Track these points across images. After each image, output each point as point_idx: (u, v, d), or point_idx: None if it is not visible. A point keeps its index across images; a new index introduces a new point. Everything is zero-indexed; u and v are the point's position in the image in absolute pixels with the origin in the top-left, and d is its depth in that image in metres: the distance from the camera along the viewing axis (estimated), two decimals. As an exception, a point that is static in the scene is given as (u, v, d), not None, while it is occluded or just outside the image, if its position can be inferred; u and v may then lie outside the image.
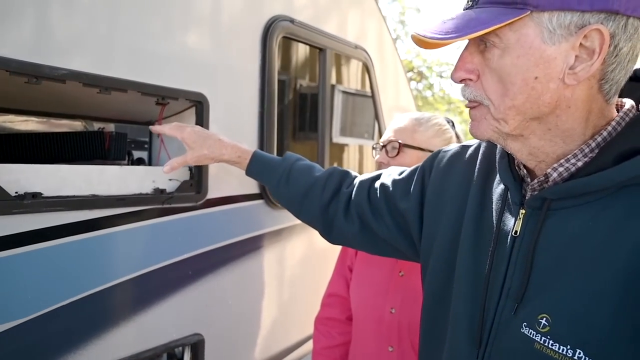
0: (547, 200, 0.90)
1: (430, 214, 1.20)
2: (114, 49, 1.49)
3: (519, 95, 0.86)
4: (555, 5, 0.80)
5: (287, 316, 2.29)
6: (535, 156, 0.93)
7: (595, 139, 0.87)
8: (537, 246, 0.89)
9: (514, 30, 0.83)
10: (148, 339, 1.64)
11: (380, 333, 1.71)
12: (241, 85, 1.95)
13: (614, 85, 0.86)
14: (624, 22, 0.81)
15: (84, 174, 1.45)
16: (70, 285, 1.41)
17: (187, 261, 1.74)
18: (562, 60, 0.83)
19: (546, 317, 0.85)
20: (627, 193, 0.83)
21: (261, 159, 1.59)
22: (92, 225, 1.45)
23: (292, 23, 2.16)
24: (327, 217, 1.46)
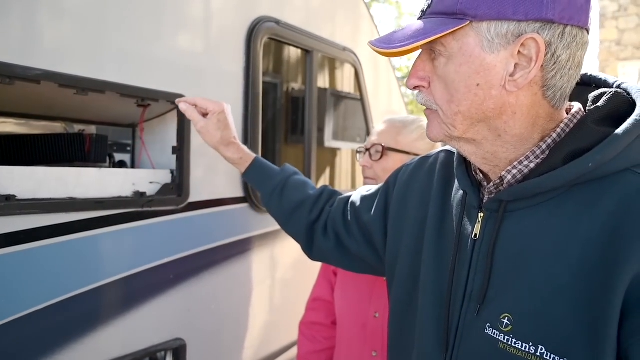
0: (503, 203, 0.93)
1: (393, 226, 1.23)
2: (93, 50, 1.48)
3: (463, 102, 0.90)
4: (492, 16, 0.84)
5: (271, 321, 2.27)
6: (489, 161, 0.96)
7: (545, 141, 0.91)
8: (495, 248, 0.93)
9: (457, 40, 0.88)
10: (128, 343, 1.62)
11: (365, 338, 1.70)
12: (225, 88, 1.93)
13: (557, 92, 0.89)
14: (561, 31, 0.84)
15: (60, 176, 1.43)
16: (47, 289, 1.39)
17: (169, 265, 1.72)
18: (502, 68, 0.87)
19: (508, 316, 0.88)
20: (577, 191, 0.87)
21: (260, 166, 1.62)
22: (69, 228, 1.43)
23: (278, 24, 2.14)
24: (310, 235, 1.50)
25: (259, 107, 2.04)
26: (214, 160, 1.83)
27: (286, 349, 2.34)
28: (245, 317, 2.10)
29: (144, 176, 1.66)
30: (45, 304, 1.38)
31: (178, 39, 1.74)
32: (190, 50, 1.78)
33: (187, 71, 1.76)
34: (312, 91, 2.50)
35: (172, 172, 1.74)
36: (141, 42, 1.61)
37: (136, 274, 1.62)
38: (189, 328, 1.82)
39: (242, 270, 2.06)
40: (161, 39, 1.67)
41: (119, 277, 1.57)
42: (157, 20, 1.66)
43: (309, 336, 1.91)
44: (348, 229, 1.39)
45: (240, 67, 1.99)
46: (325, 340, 1.89)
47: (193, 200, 1.79)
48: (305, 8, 2.45)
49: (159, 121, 1.81)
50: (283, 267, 2.34)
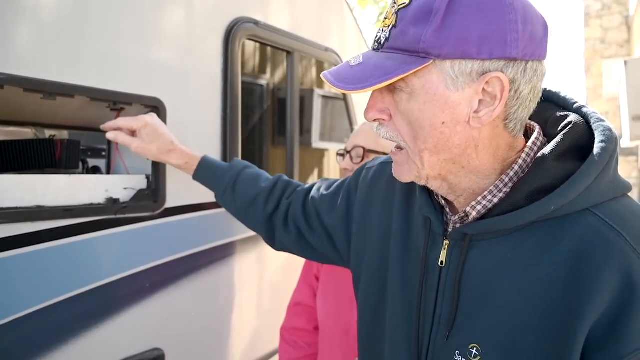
0: (468, 235, 0.95)
1: (358, 230, 1.23)
2: (61, 52, 1.42)
3: (429, 140, 0.89)
4: (457, 55, 0.83)
5: (253, 328, 2.22)
6: (454, 191, 0.97)
7: (507, 173, 0.93)
8: (462, 276, 0.94)
9: (419, 77, 0.86)
10: (104, 355, 1.56)
11: (347, 344, 1.67)
12: (202, 90, 1.88)
13: (518, 123, 0.91)
14: (523, 67, 0.86)
15: (27, 184, 1.37)
16: (14, 301, 1.33)
17: (145, 273, 1.67)
18: (466, 105, 0.86)
19: (476, 347, 0.91)
20: (539, 228, 0.89)
21: (209, 166, 1.61)
22: (37, 237, 1.37)
23: (257, 25, 2.09)
24: (270, 227, 1.51)
25: (238, 109, 1.99)
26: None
27: (268, 357, 2.29)
28: (225, 325, 2.05)
29: (118, 182, 1.61)
30: (12, 317, 1.32)
31: (153, 40, 1.68)
32: (166, 51, 1.73)
33: (163, 73, 1.71)
34: (294, 92, 2.45)
35: (148, 178, 1.69)
36: (115, 44, 1.55)
37: (111, 283, 1.57)
38: (167, 338, 1.76)
39: (222, 277, 2.01)
40: (136, 41, 1.62)
41: (93, 287, 1.52)
42: (132, 22, 1.61)
43: (290, 342, 1.88)
44: (310, 225, 1.39)
45: (218, 68, 1.94)
46: (308, 346, 1.85)
47: (170, 206, 1.74)
48: (286, 8, 2.40)
49: (134, 125, 1.75)
50: (265, 272, 2.29)
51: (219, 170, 1.59)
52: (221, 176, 1.57)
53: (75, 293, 1.47)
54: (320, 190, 1.40)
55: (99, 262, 1.54)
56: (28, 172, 1.52)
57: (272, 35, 2.23)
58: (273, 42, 2.28)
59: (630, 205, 0.91)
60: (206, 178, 1.61)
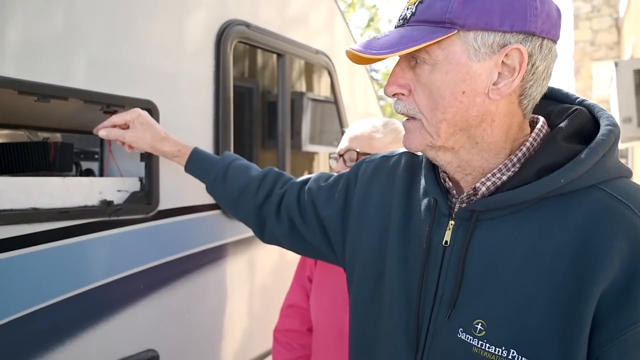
0: (475, 212, 0.98)
1: (355, 223, 1.25)
2: (54, 55, 1.44)
3: (449, 109, 0.93)
4: (480, 26, 0.89)
5: (246, 329, 2.24)
6: (463, 169, 1.00)
7: (516, 154, 0.97)
8: (467, 255, 0.97)
9: (442, 48, 0.91)
10: (99, 356, 1.58)
11: (342, 345, 1.66)
12: (194, 92, 1.90)
13: (531, 101, 0.97)
14: (540, 43, 0.91)
15: (22, 186, 1.39)
16: (12, 302, 1.35)
17: (139, 275, 1.69)
18: (486, 76, 0.91)
19: (482, 322, 0.93)
20: (546, 204, 0.92)
21: (200, 156, 1.64)
22: (33, 239, 1.39)
23: (248, 28, 2.12)
24: (260, 217, 1.51)
25: (230, 111, 2.02)
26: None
27: (261, 358, 2.31)
28: (219, 327, 2.07)
29: (111, 184, 1.63)
30: (8, 319, 1.34)
31: (146, 43, 1.71)
32: (159, 54, 1.76)
33: (155, 76, 1.73)
34: (285, 95, 2.48)
35: (141, 180, 1.71)
36: (108, 47, 1.58)
37: (105, 284, 1.58)
38: (161, 339, 1.78)
39: (215, 278, 2.03)
40: (129, 44, 1.64)
41: (87, 289, 1.53)
42: (124, 25, 1.63)
43: (284, 344, 1.88)
44: (304, 217, 1.40)
45: (210, 71, 1.96)
46: (301, 348, 1.86)
47: (163, 208, 1.76)
48: (277, 11, 2.44)
49: (127, 127, 1.77)
50: (258, 274, 2.32)
51: (210, 161, 1.62)
52: (212, 166, 1.60)
53: (70, 295, 1.48)
54: (318, 182, 1.42)
55: (94, 264, 1.56)
56: (23, 174, 1.54)
57: (263, 38, 2.26)
58: (264, 45, 2.30)
59: (634, 184, 0.95)
60: (197, 168, 1.63)
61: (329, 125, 3.21)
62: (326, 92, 3.10)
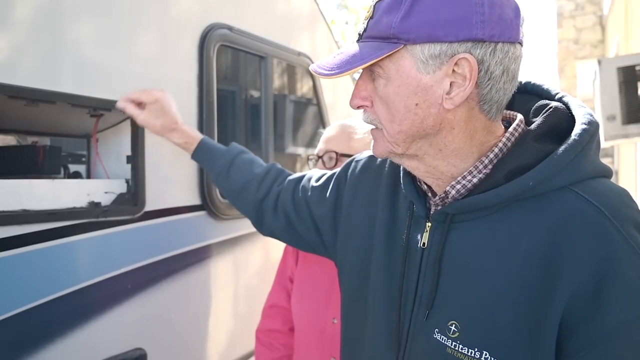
0: (449, 215, 1.00)
1: (345, 221, 1.30)
2: (43, 60, 1.52)
3: (404, 121, 0.96)
4: (424, 39, 0.91)
5: (232, 329, 2.33)
6: (432, 174, 1.03)
7: (487, 155, 0.98)
8: (442, 257, 1.00)
9: (394, 62, 0.94)
10: (88, 354, 1.65)
11: (323, 344, 1.72)
12: (178, 96, 1.97)
13: (493, 105, 0.97)
14: (492, 48, 0.91)
15: (11, 188, 1.46)
16: (2, 301, 1.42)
17: (126, 275, 1.76)
18: (438, 87, 0.93)
19: (455, 323, 0.96)
20: (519, 206, 0.94)
21: (207, 147, 1.69)
22: (22, 240, 1.46)
23: (231, 31, 2.21)
24: (259, 212, 1.56)
25: (214, 114, 2.10)
26: (169, 168, 1.89)
27: (248, 357, 2.39)
28: (205, 326, 2.15)
29: (99, 186, 1.70)
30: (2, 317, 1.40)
31: (130, 47, 1.79)
32: (143, 58, 1.84)
33: (140, 79, 1.81)
34: (268, 97, 2.57)
35: (127, 182, 1.79)
36: (94, 51, 1.65)
37: (93, 284, 1.66)
38: (149, 338, 1.86)
39: (201, 278, 2.11)
40: (114, 48, 1.72)
41: (76, 288, 1.61)
42: (110, 29, 1.71)
43: (266, 344, 1.92)
44: (299, 213, 1.45)
45: (193, 74, 2.05)
46: (283, 348, 1.90)
47: (149, 209, 1.84)
48: (259, 14, 2.53)
49: (113, 131, 1.86)
50: (243, 274, 2.40)
51: (216, 153, 1.67)
52: (217, 159, 1.66)
53: (59, 294, 1.55)
54: (311, 181, 1.46)
55: (82, 264, 1.63)
56: (12, 177, 1.61)
57: (246, 41, 2.35)
58: (247, 48, 2.39)
59: (609, 184, 0.96)
60: (203, 159, 1.70)
61: (312, 126, 3.29)
62: (309, 93, 3.18)
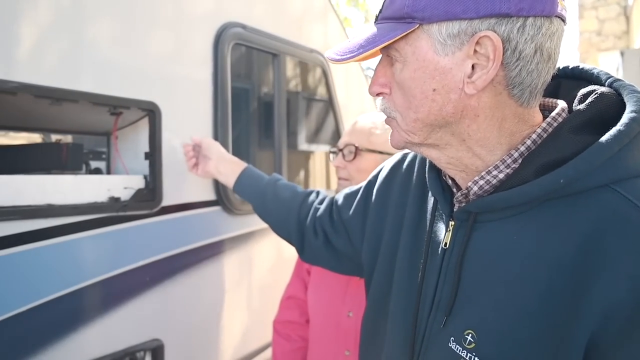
0: (472, 214, 0.93)
1: (373, 226, 1.25)
2: (67, 61, 1.63)
3: (420, 108, 0.89)
4: (441, 16, 0.82)
5: (247, 321, 2.44)
6: (454, 165, 0.95)
7: (518, 148, 0.89)
8: (464, 259, 0.93)
9: (410, 44, 0.87)
10: (108, 343, 1.77)
11: (337, 337, 1.80)
12: (194, 94, 2.10)
13: (525, 89, 0.86)
14: (521, 24, 0.81)
15: (38, 184, 1.58)
16: (28, 292, 1.53)
17: (144, 268, 1.88)
18: (458, 70, 0.85)
19: (472, 333, 0.88)
20: (550, 206, 0.85)
21: (247, 178, 1.77)
22: (48, 233, 1.58)
23: (244, 29, 2.31)
24: (300, 234, 1.55)
25: (228, 112, 2.21)
26: (185, 164, 2.00)
27: (262, 349, 2.50)
28: (221, 318, 2.26)
29: (119, 182, 1.82)
30: (27, 307, 1.52)
31: (147, 47, 1.90)
32: (160, 57, 1.94)
33: (157, 78, 1.92)
34: (281, 94, 2.66)
35: (146, 178, 1.90)
36: (112, 52, 1.76)
37: (113, 276, 1.77)
38: (166, 329, 1.97)
39: (216, 271, 2.22)
40: (132, 48, 1.83)
41: (97, 280, 1.72)
42: (127, 30, 1.82)
43: (283, 334, 2.01)
44: (334, 226, 1.42)
45: (208, 72, 2.15)
46: (300, 339, 1.98)
47: (166, 204, 1.95)
48: (272, 12, 2.63)
49: (132, 129, 1.97)
50: (257, 267, 2.51)
51: (256, 183, 1.72)
52: (257, 189, 1.70)
53: (80, 286, 1.67)
54: (344, 192, 1.45)
55: (102, 256, 1.75)
56: (38, 173, 1.73)
57: (259, 39, 2.46)
58: (260, 45, 2.50)
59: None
60: (243, 192, 1.76)
61: (324, 123, 3.37)
62: (322, 90, 3.27)
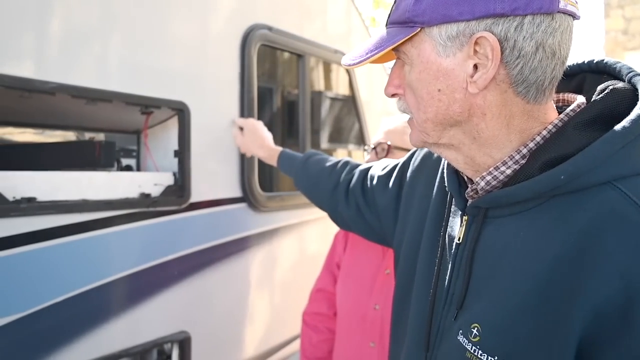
0: (482, 209, 0.94)
1: (403, 211, 1.28)
2: (100, 63, 1.69)
3: (428, 108, 0.91)
4: (439, 20, 0.85)
5: (271, 315, 2.49)
6: (470, 165, 0.96)
7: (527, 144, 0.89)
8: (475, 254, 0.94)
9: (415, 47, 0.90)
10: (137, 335, 1.83)
11: (364, 329, 1.84)
12: (221, 93, 2.15)
13: (531, 86, 0.86)
14: (519, 22, 0.82)
15: (74, 180, 1.64)
16: (64, 283, 1.60)
17: (173, 262, 1.94)
18: (460, 70, 0.87)
19: (477, 327, 0.89)
20: (556, 202, 0.85)
21: (285, 157, 1.93)
22: (83, 227, 1.64)
23: (270, 31, 2.36)
24: (332, 202, 1.62)
25: (254, 111, 2.25)
26: (213, 162, 2.05)
27: (286, 343, 2.55)
28: (246, 312, 2.32)
29: (149, 179, 1.88)
30: (62, 297, 1.59)
31: (177, 49, 1.95)
32: (189, 59, 2.00)
33: (186, 79, 1.98)
34: (305, 94, 2.71)
35: (175, 175, 1.96)
36: (143, 53, 1.82)
37: (143, 270, 1.83)
38: (193, 321, 2.03)
39: (241, 267, 2.27)
40: (162, 50, 1.89)
41: (128, 273, 1.78)
42: (157, 33, 1.88)
43: (312, 326, 2.06)
44: (367, 201, 1.46)
45: (235, 73, 2.20)
46: (328, 331, 2.03)
47: (194, 201, 2.00)
48: (297, 13, 2.67)
49: (162, 127, 2.03)
50: (281, 263, 2.56)
51: (293, 159, 1.87)
52: (294, 164, 1.84)
53: (112, 279, 1.73)
54: (377, 169, 1.46)
55: (133, 250, 1.81)
56: (72, 169, 1.79)
57: (285, 40, 2.50)
58: (285, 47, 2.54)
59: None
60: (285, 167, 1.91)
61: (347, 122, 3.41)
62: (345, 90, 3.31)
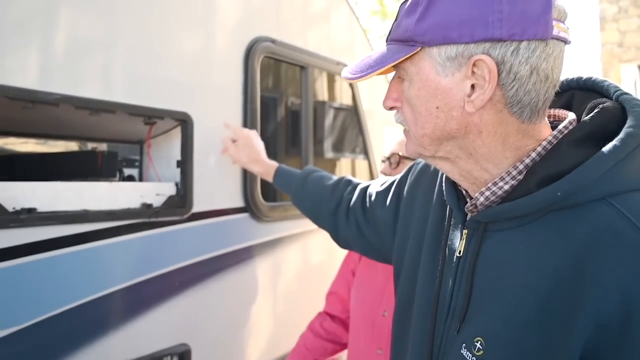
0: (482, 223, 0.96)
1: (402, 225, 1.28)
2: (103, 74, 1.67)
3: (426, 124, 0.94)
4: (439, 41, 0.88)
5: (273, 327, 2.45)
6: (466, 178, 0.99)
7: (523, 161, 0.92)
8: (476, 267, 0.95)
9: (414, 64, 0.92)
10: (136, 347, 1.79)
11: (372, 335, 1.87)
12: (225, 105, 2.13)
13: (525, 107, 0.89)
14: (515, 47, 0.85)
15: (76, 190, 1.62)
16: (62, 295, 1.57)
17: (174, 273, 1.91)
18: (458, 90, 0.89)
19: (481, 340, 0.90)
20: (553, 217, 0.87)
21: (282, 173, 1.91)
22: (83, 238, 1.62)
23: (273, 43, 2.35)
24: (334, 222, 1.61)
25: (257, 122, 2.24)
26: (216, 172, 2.03)
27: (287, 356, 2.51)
28: (247, 323, 2.29)
29: (151, 189, 1.85)
30: (61, 309, 1.56)
31: (181, 60, 1.93)
32: (193, 70, 1.98)
33: (190, 90, 1.96)
34: (308, 105, 2.69)
35: (177, 185, 1.93)
36: (147, 65, 1.80)
37: (144, 281, 1.80)
38: (194, 333, 2.00)
39: (244, 277, 2.25)
40: (166, 61, 1.87)
41: (128, 284, 1.75)
42: (162, 44, 1.86)
43: (313, 324, 2.11)
44: (367, 219, 1.47)
45: (239, 84, 2.19)
46: (325, 332, 2.08)
47: (196, 211, 1.98)
48: (300, 26, 2.66)
49: (164, 137, 2.00)
50: (284, 274, 2.53)
51: (290, 176, 1.85)
52: (292, 181, 1.82)
53: (112, 289, 1.70)
54: (376, 186, 1.47)
55: (135, 261, 1.78)
56: (74, 179, 1.77)
57: (288, 52, 2.49)
58: (288, 58, 2.53)
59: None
60: (281, 183, 1.88)
61: (350, 132, 3.40)
62: (347, 101, 3.30)
